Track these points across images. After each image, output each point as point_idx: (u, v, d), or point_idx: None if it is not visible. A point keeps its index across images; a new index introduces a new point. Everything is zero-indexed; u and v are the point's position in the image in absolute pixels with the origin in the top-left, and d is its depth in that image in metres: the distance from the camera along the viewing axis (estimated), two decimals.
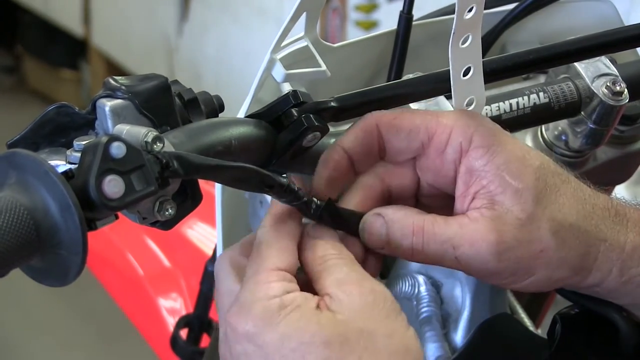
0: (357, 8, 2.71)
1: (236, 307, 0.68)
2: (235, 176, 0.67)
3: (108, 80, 0.69)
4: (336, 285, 0.69)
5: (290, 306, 0.67)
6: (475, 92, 0.76)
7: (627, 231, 0.73)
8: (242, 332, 0.67)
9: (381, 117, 0.74)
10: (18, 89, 3.94)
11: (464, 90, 0.75)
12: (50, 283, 0.65)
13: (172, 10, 3.25)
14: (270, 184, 0.68)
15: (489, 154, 0.71)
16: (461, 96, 0.75)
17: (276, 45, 0.78)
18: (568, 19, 0.95)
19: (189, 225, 1.51)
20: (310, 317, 0.67)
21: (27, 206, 0.61)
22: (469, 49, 0.74)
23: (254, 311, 0.67)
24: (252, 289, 0.69)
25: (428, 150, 0.73)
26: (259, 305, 0.67)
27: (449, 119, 0.73)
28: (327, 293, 0.69)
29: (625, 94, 0.85)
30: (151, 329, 1.48)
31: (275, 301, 0.68)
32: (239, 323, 0.68)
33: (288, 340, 0.66)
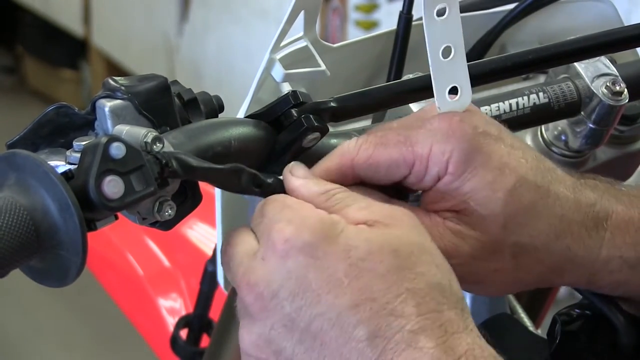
0: (357, 8, 2.71)
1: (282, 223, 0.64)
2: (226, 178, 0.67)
3: (107, 81, 0.69)
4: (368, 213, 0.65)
5: (342, 222, 0.64)
6: (459, 78, 0.71)
7: (601, 246, 0.71)
8: (295, 244, 0.63)
9: (355, 157, 0.71)
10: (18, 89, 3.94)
11: (445, 76, 0.70)
12: (50, 284, 0.65)
13: (172, 10, 3.25)
14: (259, 182, 0.68)
15: (459, 181, 0.69)
16: (442, 83, 0.71)
17: (275, 45, 0.78)
18: (568, 19, 0.95)
19: (189, 225, 1.51)
20: (372, 230, 0.64)
21: (27, 207, 0.61)
22: (447, 24, 0.69)
23: (309, 222, 0.63)
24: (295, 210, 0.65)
25: (408, 177, 0.71)
26: (313, 218, 0.64)
27: (425, 147, 0.69)
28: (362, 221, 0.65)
29: (625, 94, 0.85)
30: (151, 329, 1.48)
31: (326, 217, 0.64)
32: (292, 234, 0.63)
33: (355, 250, 0.63)
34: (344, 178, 0.71)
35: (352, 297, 0.62)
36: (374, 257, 0.63)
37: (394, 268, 0.63)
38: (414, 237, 0.65)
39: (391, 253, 0.63)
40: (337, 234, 0.63)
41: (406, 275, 0.63)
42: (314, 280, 0.62)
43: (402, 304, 0.62)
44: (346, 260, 0.63)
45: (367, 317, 0.62)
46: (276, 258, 0.63)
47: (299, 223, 0.64)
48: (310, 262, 0.63)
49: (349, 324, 0.62)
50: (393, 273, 0.63)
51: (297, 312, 0.63)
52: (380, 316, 0.62)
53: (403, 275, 0.63)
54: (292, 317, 0.63)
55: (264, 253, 0.64)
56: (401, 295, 0.62)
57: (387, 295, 0.62)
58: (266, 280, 0.63)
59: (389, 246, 0.63)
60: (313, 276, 0.63)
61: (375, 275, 0.62)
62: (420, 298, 0.62)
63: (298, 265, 0.63)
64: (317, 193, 0.68)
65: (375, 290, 0.62)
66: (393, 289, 0.62)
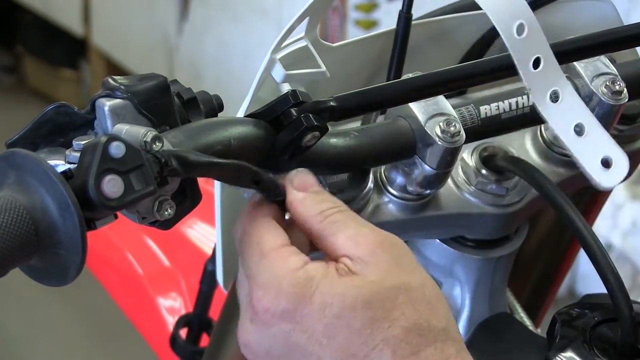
0: (357, 7, 2.71)
1: (261, 290, 0.67)
2: (228, 173, 0.68)
3: (107, 80, 0.69)
4: (353, 245, 0.68)
5: (317, 276, 0.66)
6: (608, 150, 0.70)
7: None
8: (275, 312, 0.66)
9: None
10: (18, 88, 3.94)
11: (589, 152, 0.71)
12: (50, 283, 0.65)
13: (172, 10, 3.25)
14: (257, 179, 0.69)
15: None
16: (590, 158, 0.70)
17: (277, 45, 0.79)
18: (567, 18, 0.95)
19: (188, 224, 1.51)
20: (345, 282, 0.66)
21: (26, 206, 0.62)
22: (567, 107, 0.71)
23: (284, 287, 0.66)
24: (269, 269, 0.67)
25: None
26: (286, 280, 0.66)
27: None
28: (346, 255, 0.67)
29: (625, 93, 0.85)
30: (150, 329, 1.48)
31: (300, 273, 0.66)
32: (271, 304, 0.66)
33: (329, 308, 0.65)
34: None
35: (333, 356, 0.66)
36: (348, 312, 0.66)
37: (367, 321, 0.65)
38: (390, 278, 0.67)
39: (364, 307, 0.66)
40: (312, 293, 0.66)
41: (380, 326, 0.65)
42: (297, 343, 0.66)
43: (379, 355, 0.65)
44: (322, 320, 0.66)
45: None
46: (261, 324, 0.67)
47: (276, 289, 0.66)
48: (291, 327, 0.66)
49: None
50: (367, 326, 0.65)
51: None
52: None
53: (377, 326, 0.66)
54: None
55: (250, 316, 0.68)
56: (377, 346, 0.65)
57: (363, 349, 0.65)
58: (256, 341, 0.68)
59: (361, 300, 0.66)
60: (295, 339, 0.66)
61: (351, 332, 0.65)
62: (396, 345, 0.65)
63: (281, 330, 0.66)
64: (313, 214, 0.70)
65: (352, 346, 0.65)
66: (369, 342, 0.65)
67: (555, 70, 0.71)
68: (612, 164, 0.71)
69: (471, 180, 0.86)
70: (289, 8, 2.80)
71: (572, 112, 0.72)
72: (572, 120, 0.71)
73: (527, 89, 0.71)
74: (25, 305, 2.80)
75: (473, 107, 0.82)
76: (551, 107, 0.71)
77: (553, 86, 0.71)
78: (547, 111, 0.71)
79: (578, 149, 0.71)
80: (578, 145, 0.71)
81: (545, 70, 0.71)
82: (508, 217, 0.87)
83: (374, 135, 0.78)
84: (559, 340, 0.81)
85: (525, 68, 0.71)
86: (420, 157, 0.79)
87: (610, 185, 0.71)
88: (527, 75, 0.71)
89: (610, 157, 0.71)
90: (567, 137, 0.71)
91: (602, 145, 0.71)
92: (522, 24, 0.70)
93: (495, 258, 0.90)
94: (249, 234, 0.69)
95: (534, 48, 0.71)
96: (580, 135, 0.71)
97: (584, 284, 2.71)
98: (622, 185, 1.71)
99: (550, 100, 0.71)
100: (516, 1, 0.71)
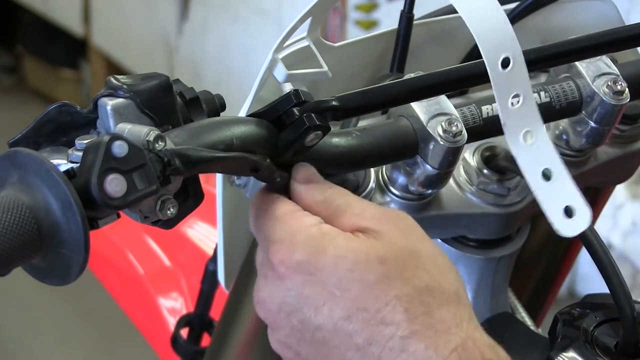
0: (357, 7, 2.71)
1: (276, 245, 0.68)
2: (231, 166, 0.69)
3: (110, 79, 0.69)
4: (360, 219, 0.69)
5: (331, 232, 0.67)
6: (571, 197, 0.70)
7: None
8: (290, 264, 0.67)
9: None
10: (18, 88, 3.94)
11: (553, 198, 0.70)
12: (52, 282, 0.65)
13: (172, 10, 3.25)
14: (257, 167, 0.69)
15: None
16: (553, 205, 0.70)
17: (279, 45, 0.79)
18: (569, 18, 0.95)
19: (189, 224, 1.51)
20: (359, 239, 0.67)
21: (29, 205, 0.62)
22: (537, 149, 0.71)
23: (299, 240, 0.67)
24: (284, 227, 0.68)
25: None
26: (301, 234, 0.67)
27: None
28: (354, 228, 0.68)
29: (626, 93, 0.85)
30: (152, 329, 1.48)
31: (314, 229, 0.67)
32: (285, 256, 0.67)
33: (343, 261, 0.66)
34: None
35: (345, 308, 0.66)
36: (362, 267, 0.66)
37: (381, 276, 0.66)
38: (401, 241, 0.68)
39: (378, 261, 0.66)
40: (326, 247, 0.67)
41: (393, 283, 0.66)
42: (310, 295, 0.67)
43: (392, 312, 0.65)
44: (336, 273, 0.66)
45: (361, 327, 0.66)
46: (275, 278, 0.68)
47: (290, 242, 0.67)
48: (305, 279, 0.67)
49: (346, 333, 0.66)
50: (381, 281, 0.66)
51: (301, 324, 0.67)
52: (372, 325, 0.65)
53: (390, 283, 0.66)
54: (298, 328, 0.67)
55: (265, 272, 0.69)
56: (390, 303, 0.65)
57: (376, 304, 0.65)
58: (270, 297, 0.68)
59: (375, 255, 0.66)
60: (309, 291, 0.67)
61: (364, 286, 0.66)
62: (409, 303, 0.65)
63: (295, 283, 0.67)
64: (317, 202, 0.71)
65: (365, 300, 0.66)
66: (382, 297, 0.66)
67: (532, 110, 0.71)
68: (575, 214, 0.70)
69: (473, 180, 0.86)
70: (289, 8, 2.80)
71: (542, 155, 0.71)
72: (541, 164, 0.71)
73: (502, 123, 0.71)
74: (25, 305, 2.80)
75: (475, 107, 0.82)
76: (523, 147, 0.71)
77: (527, 126, 0.71)
78: (518, 150, 0.71)
79: (543, 194, 0.71)
80: (543, 190, 0.71)
81: (522, 108, 0.71)
82: (509, 217, 0.87)
83: (376, 135, 0.78)
84: (560, 340, 0.81)
85: (503, 103, 0.71)
86: (422, 157, 0.79)
87: (569, 235, 0.70)
88: (504, 111, 0.71)
89: (573, 206, 0.70)
90: (533, 179, 0.71)
91: (567, 194, 0.70)
92: (507, 58, 0.71)
93: (497, 258, 0.90)
94: (262, 207, 0.71)
95: (515, 84, 0.71)
96: (547, 180, 0.71)
97: (584, 284, 2.71)
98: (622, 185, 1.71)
99: (522, 139, 0.71)
100: (506, 34, 0.71)
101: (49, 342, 2.72)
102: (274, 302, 0.68)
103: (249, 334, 0.95)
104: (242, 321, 0.95)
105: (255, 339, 0.94)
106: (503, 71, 0.71)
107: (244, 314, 0.94)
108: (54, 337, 2.74)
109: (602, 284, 0.80)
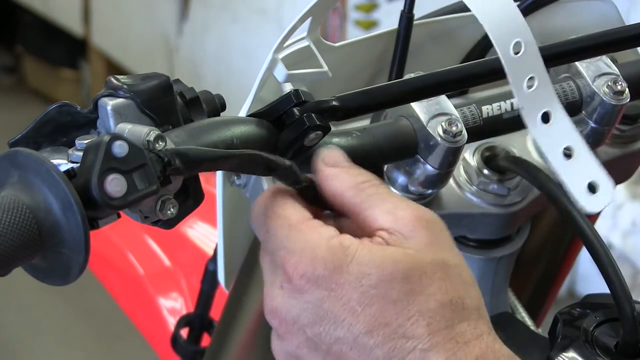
0: (356, 7, 2.71)
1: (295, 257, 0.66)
2: (240, 163, 0.67)
3: (110, 79, 0.69)
4: (392, 219, 0.67)
5: (352, 245, 0.66)
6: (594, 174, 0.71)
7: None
8: (311, 278, 0.65)
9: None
10: (17, 88, 3.94)
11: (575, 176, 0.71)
12: (53, 282, 0.65)
13: (171, 10, 3.25)
14: (273, 167, 0.68)
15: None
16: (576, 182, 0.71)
17: (279, 45, 0.79)
18: (569, 18, 0.95)
19: (189, 224, 1.51)
20: (383, 253, 0.65)
21: (29, 205, 0.62)
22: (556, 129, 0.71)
23: (320, 254, 0.65)
24: (302, 237, 0.66)
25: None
26: (322, 247, 0.65)
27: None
28: (383, 228, 0.67)
29: (626, 93, 0.85)
30: (152, 329, 1.48)
31: (334, 241, 0.66)
32: (306, 270, 0.65)
33: (366, 278, 0.65)
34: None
35: (366, 323, 0.65)
36: (386, 284, 0.65)
37: (404, 293, 0.65)
38: (429, 253, 0.66)
39: (402, 279, 0.65)
40: (349, 262, 0.65)
41: (417, 299, 0.65)
42: (330, 309, 0.65)
43: (414, 326, 0.64)
44: (359, 289, 0.65)
45: (382, 341, 0.64)
46: (293, 290, 0.66)
47: (311, 255, 0.65)
48: (325, 294, 0.65)
49: (366, 347, 0.65)
50: (404, 298, 0.65)
51: (318, 336, 0.66)
52: (394, 339, 0.64)
53: (414, 299, 0.65)
54: (314, 341, 0.66)
55: (281, 282, 0.67)
56: (412, 317, 0.65)
57: (398, 319, 0.65)
58: (286, 308, 0.66)
59: (400, 272, 0.65)
60: (329, 306, 0.65)
61: (387, 302, 0.65)
62: (431, 318, 0.65)
63: (314, 297, 0.65)
64: (349, 186, 0.69)
65: (387, 315, 0.65)
66: (404, 313, 0.65)
67: (549, 91, 0.71)
68: (598, 189, 0.71)
69: (473, 180, 0.87)
70: (289, 8, 2.80)
71: (562, 134, 0.71)
72: (561, 143, 0.71)
73: (519, 107, 0.71)
74: (25, 305, 2.80)
75: (475, 107, 0.82)
76: (541, 128, 0.71)
77: (545, 107, 0.71)
78: (537, 132, 0.71)
79: (565, 172, 0.71)
80: (565, 169, 0.71)
81: (538, 90, 0.71)
82: (510, 217, 0.87)
83: (376, 134, 0.78)
84: (560, 340, 0.81)
85: (518, 87, 0.71)
86: (422, 157, 0.79)
87: (594, 210, 0.71)
88: (520, 95, 0.71)
89: (596, 182, 0.71)
90: (555, 159, 0.71)
91: (590, 170, 0.71)
92: (519, 42, 0.70)
93: (497, 258, 0.90)
94: (273, 209, 0.69)
95: (529, 68, 0.71)
96: (569, 158, 0.71)
97: (583, 284, 2.71)
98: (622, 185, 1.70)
99: (541, 121, 0.71)
100: (515, 19, 0.71)
101: (49, 342, 2.72)
102: (289, 314, 0.66)
103: (249, 334, 0.95)
104: (242, 321, 0.95)
105: (255, 339, 0.94)
106: (515, 56, 0.70)
107: (244, 314, 0.94)
108: (54, 337, 2.74)
109: (602, 284, 0.80)
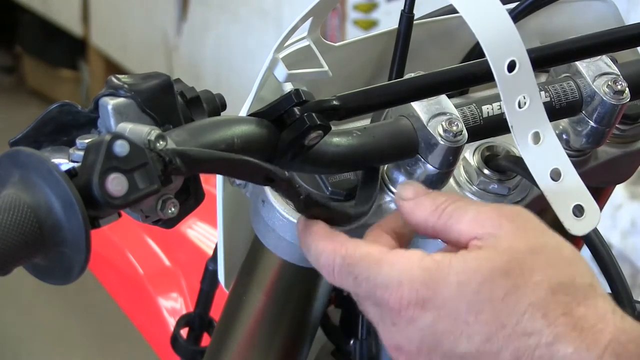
0: (356, 7, 2.71)
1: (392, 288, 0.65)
2: (237, 169, 0.67)
3: (111, 79, 0.69)
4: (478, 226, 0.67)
5: (445, 259, 0.65)
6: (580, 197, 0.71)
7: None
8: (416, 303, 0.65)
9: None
10: (17, 88, 3.94)
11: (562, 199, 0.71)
12: (54, 281, 0.65)
13: (171, 10, 3.25)
14: (272, 177, 0.68)
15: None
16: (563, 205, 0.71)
17: (279, 45, 0.79)
18: (569, 18, 0.96)
19: (189, 224, 1.51)
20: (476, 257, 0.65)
21: (30, 204, 0.62)
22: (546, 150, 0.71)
23: (416, 276, 0.65)
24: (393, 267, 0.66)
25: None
26: (415, 270, 0.65)
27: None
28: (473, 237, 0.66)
29: (627, 93, 0.85)
30: (151, 328, 1.48)
31: (427, 260, 0.65)
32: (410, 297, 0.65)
33: (467, 286, 0.64)
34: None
35: (484, 332, 0.64)
36: (488, 285, 0.64)
37: (509, 289, 0.64)
38: (521, 242, 0.66)
39: (503, 275, 0.64)
40: (446, 274, 0.65)
41: (524, 291, 0.64)
42: (445, 329, 0.65)
43: (530, 321, 0.63)
44: (464, 299, 0.64)
45: (505, 344, 0.63)
46: (405, 322, 0.66)
47: (409, 281, 0.65)
48: (435, 315, 0.65)
49: (491, 354, 0.64)
50: (511, 294, 0.64)
51: (445, 357, 0.65)
52: (515, 339, 0.63)
53: (521, 293, 0.64)
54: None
55: (391, 319, 0.66)
56: (526, 312, 0.63)
57: (513, 317, 0.64)
58: (407, 342, 0.66)
59: (499, 269, 0.64)
60: (443, 326, 0.65)
61: (495, 304, 0.64)
62: (545, 308, 0.63)
63: (427, 321, 0.65)
64: (430, 212, 0.69)
65: (500, 317, 0.64)
66: (516, 309, 0.64)
67: (539, 111, 0.72)
68: (584, 213, 0.71)
69: (473, 179, 0.87)
70: (289, 8, 2.80)
71: (551, 155, 0.72)
72: (549, 165, 0.71)
73: (510, 126, 0.71)
74: (25, 305, 2.80)
75: (475, 107, 0.82)
76: (531, 148, 0.71)
77: (535, 127, 0.71)
78: (526, 152, 0.71)
79: (552, 194, 0.71)
80: (552, 190, 0.72)
81: (529, 110, 0.71)
82: None
83: (377, 134, 0.78)
84: None
85: (510, 105, 0.71)
86: (422, 157, 0.79)
87: (580, 233, 0.71)
88: (511, 113, 0.71)
89: (583, 205, 0.71)
90: (542, 180, 0.71)
91: (576, 193, 0.71)
92: (514, 61, 0.71)
93: None
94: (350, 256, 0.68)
95: (522, 87, 0.71)
96: (556, 180, 0.72)
97: None
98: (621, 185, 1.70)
99: (531, 141, 0.71)
100: (512, 38, 0.71)
101: (49, 342, 2.72)
102: (412, 345, 0.66)
103: (249, 334, 0.95)
104: (242, 321, 0.95)
105: (255, 339, 0.94)
106: (509, 74, 0.71)
107: (244, 314, 0.94)
108: (54, 337, 2.74)
109: (603, 284, 0.80)
